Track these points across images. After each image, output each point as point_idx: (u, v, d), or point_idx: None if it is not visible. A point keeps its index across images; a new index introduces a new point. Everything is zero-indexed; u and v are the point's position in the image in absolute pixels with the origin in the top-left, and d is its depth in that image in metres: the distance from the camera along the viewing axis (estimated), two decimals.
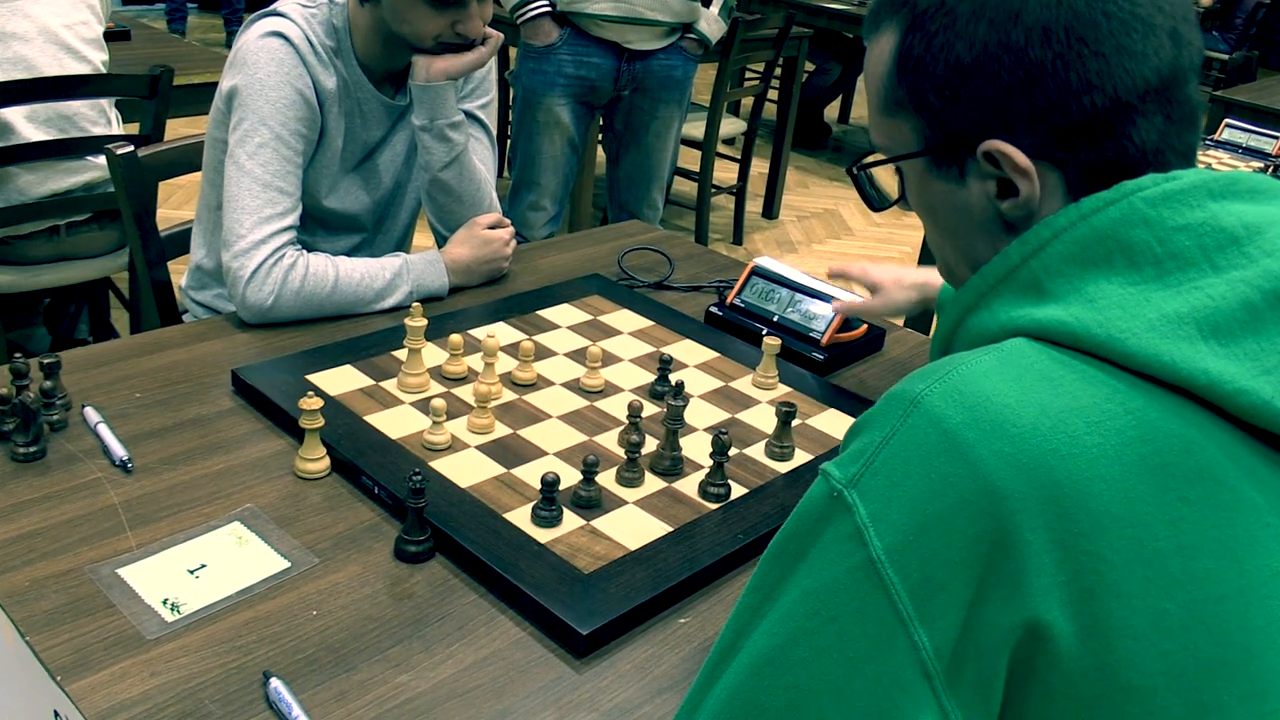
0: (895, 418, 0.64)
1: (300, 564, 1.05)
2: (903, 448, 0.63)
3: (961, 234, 0.75)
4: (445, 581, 1.05)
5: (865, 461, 0.64)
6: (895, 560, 0.61)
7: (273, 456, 1.21)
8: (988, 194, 0.72)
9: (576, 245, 1.94)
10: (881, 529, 0.62)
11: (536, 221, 3.49)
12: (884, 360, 1.61)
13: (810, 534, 0.65)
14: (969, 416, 0.62)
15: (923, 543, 0.61)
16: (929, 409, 0.63)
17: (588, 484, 1.14)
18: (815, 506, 0.66)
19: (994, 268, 0.70)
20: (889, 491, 0.62)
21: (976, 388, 0.63)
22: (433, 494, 1.12)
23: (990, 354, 0.65)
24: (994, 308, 0.69)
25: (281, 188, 1.47)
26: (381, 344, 1.44)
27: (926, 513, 0.61)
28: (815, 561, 0.64)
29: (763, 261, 1.71)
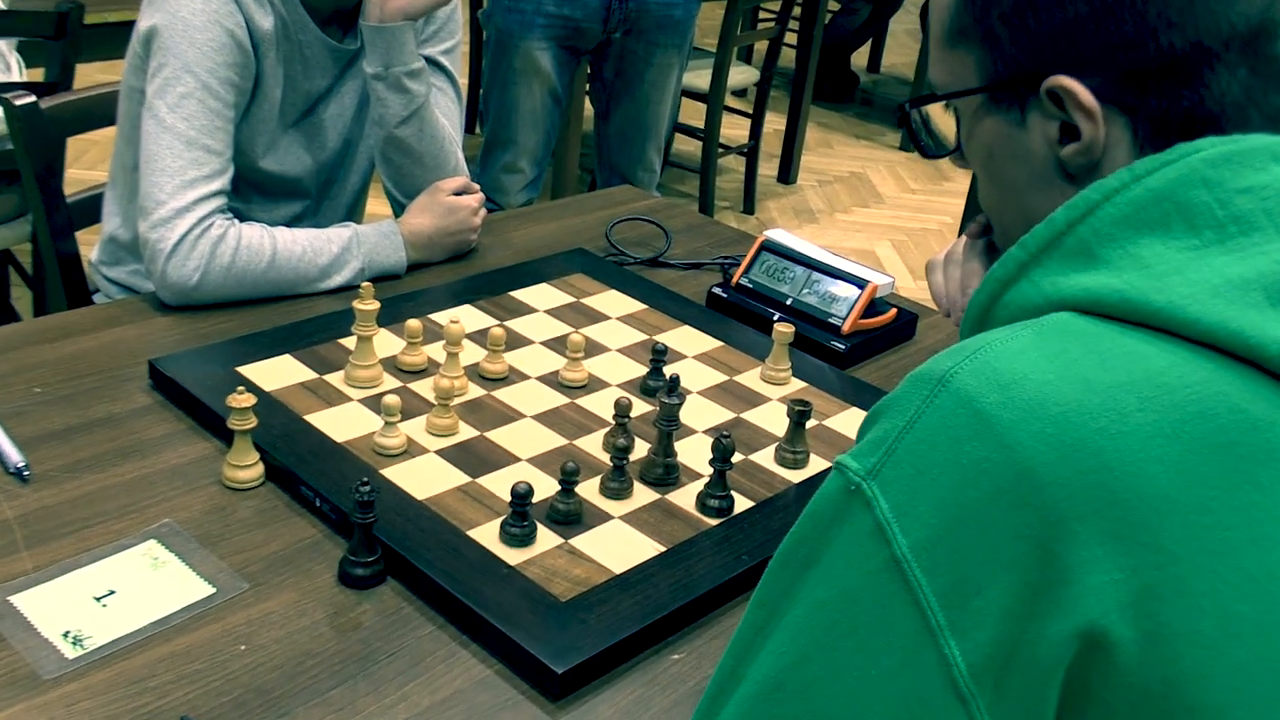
0: (920, 399, 0.65)
1: (227, 590, 1.04)
2: (929, 432, 0.63)
3: (1019, 187, 0.76)
4: (398, 611, 1.04)
5: (886, 449, 0.64)
6: (923, 559, 0.62)
7: (196, 463, 1.20)
8: (1048, 139, 0.73)
9: (558, 214, 1.94)
10: (907, 524, 0.62)
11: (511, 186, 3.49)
12: (916, 350, 1.61)
13: (824, 535, 0.66)
14: (1004, 395, 0.63)
15: (954, 539, 0.62)
16: (958, 388, 0.63)
17: (566, 495, 1.14)
18: (829, 503, 0.66)
19: (1036, 236, 0.71)
20: (914, 482, 0.63)
21: (1012, 364, 0.64)
22: (384, 507, 1.11)
23: (1028, 328, 0.67)
24: (1036, 278, 0.70)
25: (209, 146, 1.47)
26: (326, 330, 1.43)
27: (958, 504, 0.62)
28: (830, 566, 0.65)
29: (775, 234, 1.71)
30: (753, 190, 4.31)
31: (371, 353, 1.34)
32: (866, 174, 4.86)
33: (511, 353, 1.43)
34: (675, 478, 1.22)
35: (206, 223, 1.45)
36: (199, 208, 1.45)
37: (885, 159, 5.07)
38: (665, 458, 1.22)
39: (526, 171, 3.49)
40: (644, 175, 3.67)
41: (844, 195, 4.63)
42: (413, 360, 1.37)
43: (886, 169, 4.95)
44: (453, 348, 1.32)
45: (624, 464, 1.19)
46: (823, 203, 4.52)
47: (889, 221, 4.40)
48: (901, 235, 4.29)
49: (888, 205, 4.57)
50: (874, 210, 4.51)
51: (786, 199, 4.52)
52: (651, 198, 2.10)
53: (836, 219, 4.38)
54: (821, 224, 4.31)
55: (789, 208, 4.43)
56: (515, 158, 3.42)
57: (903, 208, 4.56)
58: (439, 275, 1.64)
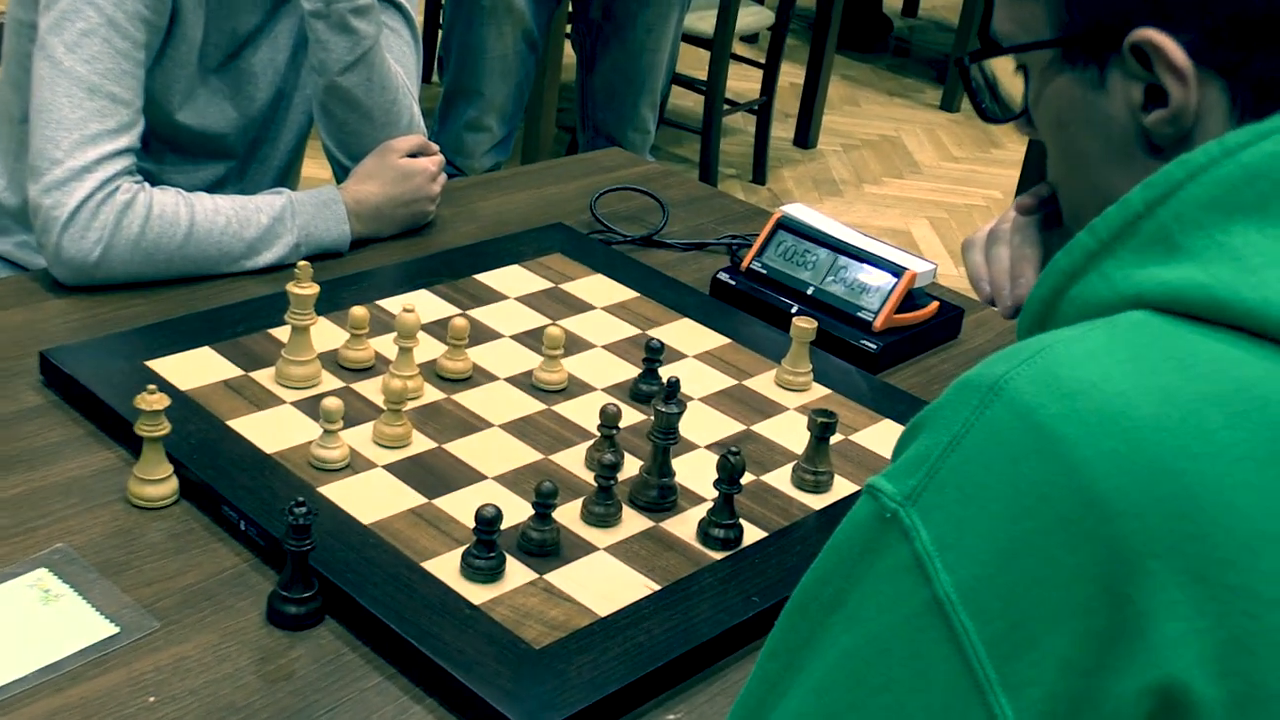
0: (968, 410, 0.65)
1: (133, 629, 1.04)
2: (979, 450, 0.64)
3: (1094, 160, 0.76)
4: (339, 657, 1.04)
5: (928, 470, 0.65)
6: (970, 600, 0.62)
7: (96, 476, 1.20)
8: (1131, 104, 0.74)
9: (532, 182, 1.94)
10: (951, 559, 0.63)
11: (477, 147, 3.49)
12: (962, 351, 1.62)
13: (852, 572, 0.66)
14: (1068, 406, 0.63)
15: (1007, 577, 0.62)
16: (1014, 397, 0.64)
17: (541, 522, 1.14)
18: (859, 534, 0.66)
19: (1109, 220, 0.71)
20: (961, 509, 0.63)
21: (1078, 370, 0.64)
22: (322, 532, 1.12)
23: (1098, 329, 0.67)
24: (1107, 271, 0.71)
25: (115, 94, 1.47)
26: (254, 318, 1.43)
27: (1012, 536, 0.62)
28: (859, 609, 0.65)
29: (793, 210, 1.71)
30: (764, 156, 4.32)
31: (308, 346, 1.33)
32: (900, 138, 4.87)
33: (476, 348, 1.43)
34: (672, 502, 1.23)
35: (111, 186, 1.45)
36: (102, 168, 1.45)
37: (923, 120, 5.09)
38: (660, 478, 1.22)
39: (494, 130, 3.49)
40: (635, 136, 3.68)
41: (873, 163, 4.64)
42: (358, 356, 1.37)
43: (924, 132, 4.96)
44: (405, 341, 1.32)
45: (611, 484, 1.19)
46: (848, 172, 4.53)
47: (927, 195, 4.42)
48: (941, 212, 4.30)
49: (925, 175, 4.58)
50: (909, 181, 4.52)
51: (805, 167, 4.53)
52: (644, 163, 2.10)
53: (864, 191, 4.40)
54: (846, 197, 4.32)
55: (807, 177, 4.44)
56: (481, 113, 3.42)
57: (943, 179, 4.57)
58: (389, 254, 1.64)
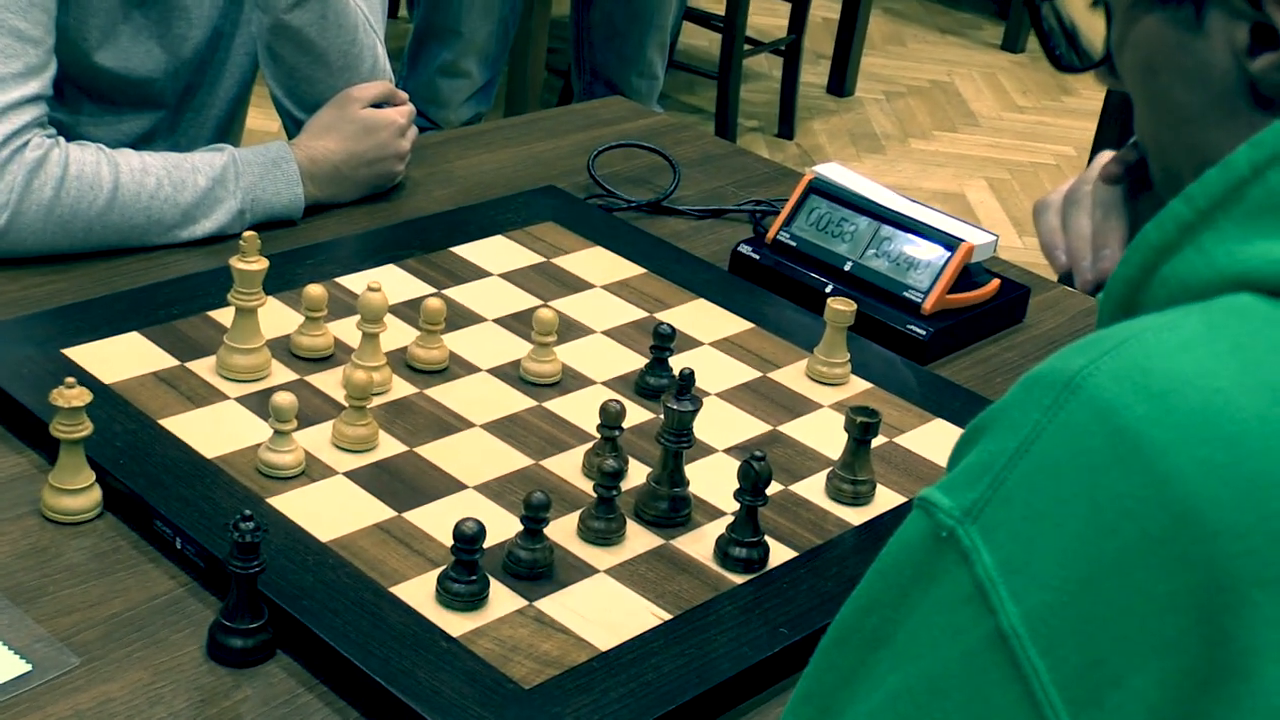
0: (1039, 411, 0.65)
1: (48, 666, 1.04)
2: (1052, 458, 0.64)
3: (1190, 114, 0.76)
4: (292, 698, 1.04)
5: (992, 481, 0.65)
6: (1041, 635, 0.63)
7: (4, 484, 1.20)
8: (1235, 47, 0.73)
9: (519, 137, 1.94)
10: (1018, 586, 0.63)
11: (454, 96, 3.49)
12: (1028, 338, 1.61)
13: (901, 601, 0.66)
14: (1157, 406, 0.63)
15: (1084, 607, 0.62)
16: (1094, 395, 0.64)
17: (531, 539, 1.14)
18: (909, 556, 0.67)
19: (1208, 186, 0.71)
20: (1030, 527, 0.64)
21: (1170, 363, 0.64)
22: (273, 551, 1.12)
23: (1194, 315, 0.67)
24: (1206, 245, 0.71)
25: (20, 31, 1.46)
26: (190, 298, 1.43)
27: (1090, 559, 0.62)
28: (910, 644, 0.65)
29: (827, 170, 1.71)
30: (793, 105, 4.32)
31: (255, 331, 1.33)
32: (954, 83, 4.87)
33: (454, 334, 1.43)
34: (685, 516, 1.22)
35: (18, 141, 1.45)
36: (6, 120, 1.45)
37: (980, 62, 5.08)
38: (672, 488, 1.22)
39: (474, 75, 3.49)
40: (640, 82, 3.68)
41: (922, 113, 4.64)
42: (314, 343, 1.37)
43: (982, 76, 4.96)
44: (370, 326, 1.32)
45: (613, 495, 1.18)
46: (892, 124, 4.53)
47: (985, 152, 4.41)
48: (1003, 172, 4.30)
49: (984, 128, 4.58)
50: (964, 135, 4.51)
51: (840, 118, 4.53)
52: (651, 114, 2.10)
53: (911, 147, 4.39)
54: (890, 154, 4.32)
55: (843, 130, 4.44)
56: (458, 56, 3.42)
57: (1005, 132, 4.57)
58: (351, 222, 1.64)
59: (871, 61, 4.86)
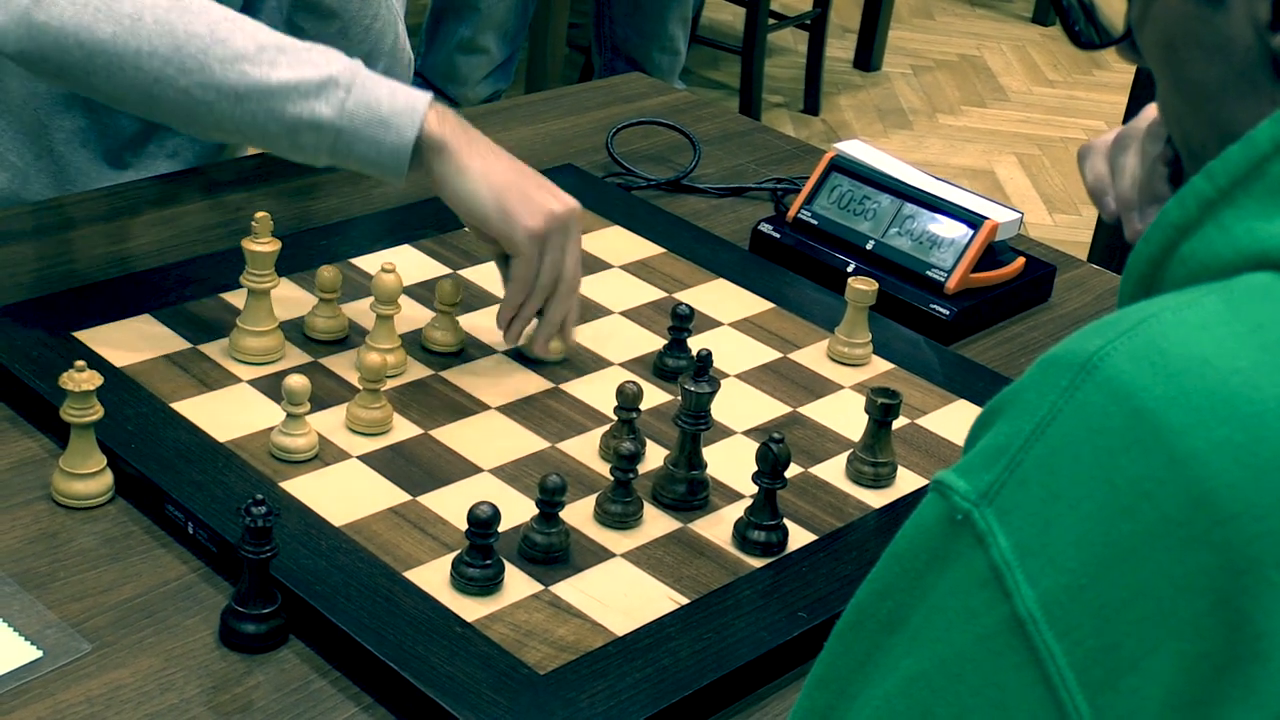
0: (1055, 393, 0.66)
1: (60, 653, 1.04)
2: (1068, 439, 0.64)
3: (1211, 91, 0.76)
4: (305, 684, 1.05)
5: (1008, 463, 0.66)
6: (1057, 618, 0.63)
7: (14, 470, 1.20)
8: (1256, 21, 0.73)
9: (537, 114, 1.93)
10: (1034, 569, 0.63)
11: (472, 72, 3.49)
12: (1053, 317, 1.61)
13: (917, 584, 0.67)
14: (1175, 387, 0.63)
15: (1101, 590, 0.63)
16: (1111, 377, 0.64)
17: (547, 523, 1.14)
18: (925, 539, 0.67)
19: (1229, 162, 0.71)
20: (1046, 509, 0.64)
21: (1188, 344, 0.64)
22: (286, 536, 1.12)
23: (1213, 294, 0.67)
24: (1227, 223, 0.70)
25: None
26: (202, 279, 1.43)
27: (1107, 541, 0.63)
28: (926, 627, 0.66)
29: (850, 147, 1.70)
30: (818, 81, 4.31)
31: (268, 313, 1.33)
32: (983, 57, 4.85)
33: (469, 315, 1.43)
34: (704, 499, 1.22)
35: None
36: None
37: (1010, 35, 5.06)
38: (689, 471, 1.22)
39: (493, 51, 3.49)
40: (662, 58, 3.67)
41: (950, 89, 4.62)
42: (327, 325, 1.37)
43: (1012, 50, 4.94)
44: (384, 307, 1.32)
45: (630, 478, 1.19)
46: (920, 99, 4.52)
47: (1015, 128, 4.40)
48: (1033, 148, 4.28)
49: (1014, 104, 4.56)
50: (994, 111, 4.50)
51: (867, 93, 4.51)
52: (673, 91, 2.09)
53: (939, 123, 4.38)
54: (917, 129, 4.31)
55: (870, 105, 4.43)
56: (477, 31, 3.42)
57: (1035, 107, 4.55)
58: (365, 202, 1.64)
59: (899, 35, 4.85)
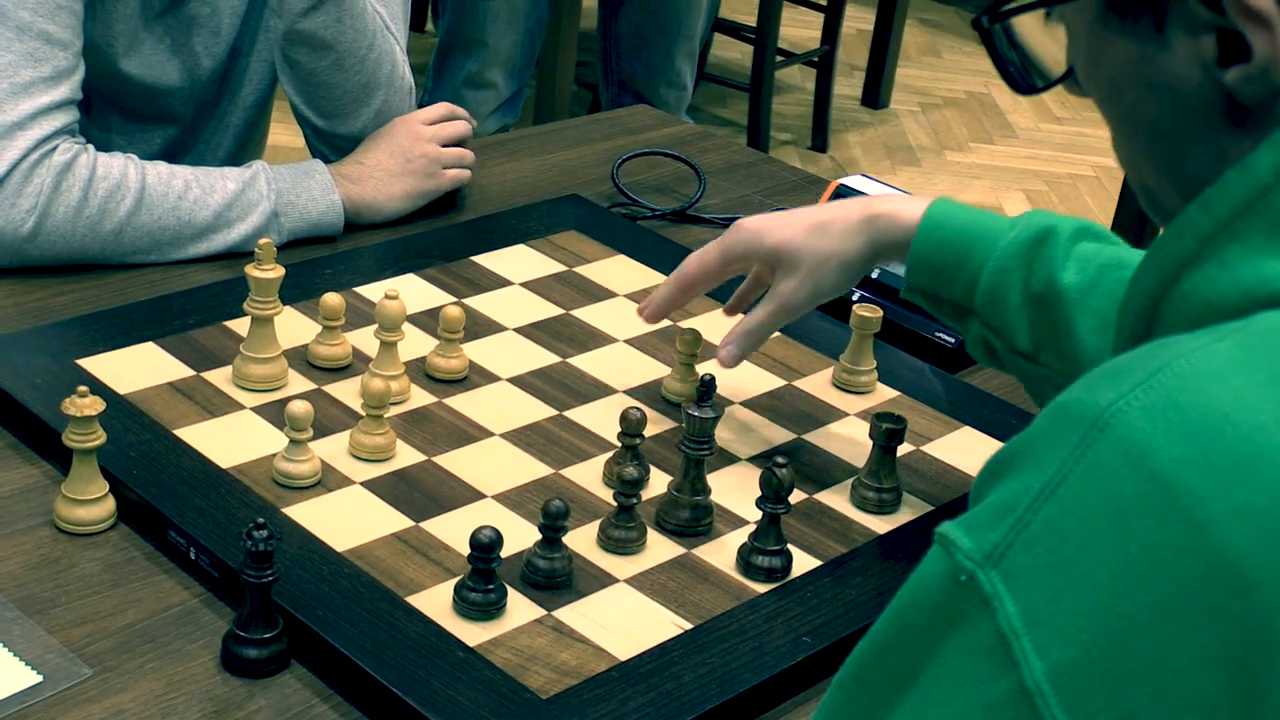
0: (1066, 449, 0.64)
1: (60, 678, 1.04)
2: (1079, 501, 0.63)
3: (1164, 131, 0.75)
4: (307, 709, 1.04)
5: (1016, 522, 0.64)
6: (1067, 691, 0.62)
7: (17, 496, 1.21)
8: (1202, 59, 0.72)
9: (543, 146, 1.94)
10: (1043, 639, 0.62)
11: (480, 107, 3.50)
12: None
13: (921, 641, 0.66)
14: (1192, 447, 0.62)
15: (1114, 662, 0.61)
16: (1124, 435, 0.63)
17: (550, 548, 1.14)
18: (928, 597, 0.66)
19: (1229, 190, 0.70)
20: (1056, 575, 0.63)
21: (1205, 397, 0.63)
22: (288, 561, 1.12)
23: (1227, 339, 0.66)
24: (1230, 259, 0.69)
25: (50, 34, 1.47)
26: (205, 307, 1.43)
27: (1120, 612, 0.62)
28: (932, 689, 0.65)
29: (854, 182, 1.70)
30: (826, 117, 4.31)
31: (272, 341, 1.34)
32: (991, 95, 4.86)
33: (474, 343, 1.43)
34: (707, 525, 1.22)
35: (48, 146, 1.46)
36: (37, 125, 1.45)
37: None
38: (693, 496, 1.22)
39: (500, 87, 3.50)
40: (669, 93, 3.68)
41: (958, 125, 4.63)
42: (331, 352, 1.37)
43: None
44: (388, 335, 1.33)
45: (633, 504, 1.18)
46: (927, 136, 4.52)
47: (1023, 164, 4.40)
48: (1040, 184, 4.29)
49: (1021, 140, 4.57)
50: (1002, 147, 4.50)
51: (875, 130, 4.52)
52: (677, 123, 2.10)
53: (947, 160, 4.38)
54: (925, 166, 4.31)
55: (878, 142, 4.43)
56: (484, 67, 3.43)
57: (1043, 144, 4.56)
58: (371, 231, 1.64)
59: (906, 73, 4.86)
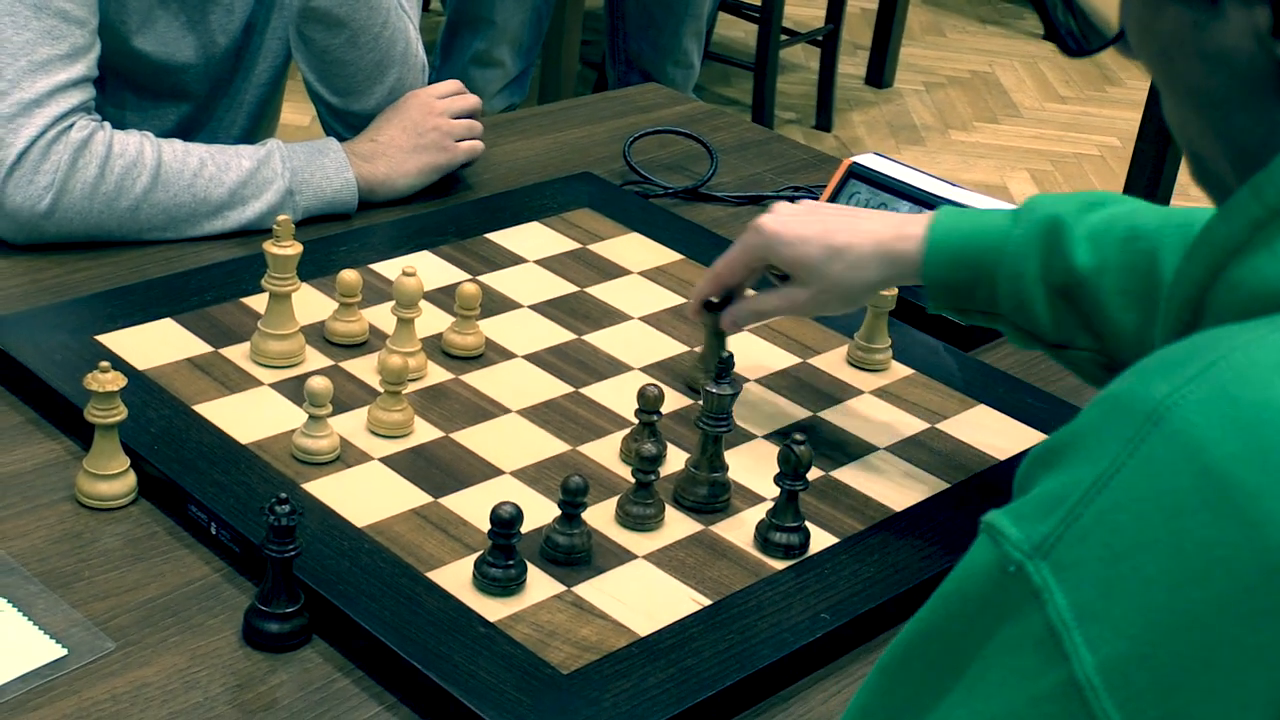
0: (1118, 442, 0.64)
1: (84, 651, 1.05)
2: (1133, 495, 0.63)
3: (1215, 100, 0.74)
4: (328, 683, 1.05)
5: (1067, 514, 0.64)
6: (1118, 686, 0.61)
7: (39, 470, 1.21)
8: (1257, 29, 0.71)
9: (555, 124, 1.94)
10: (1095, 633, 0.62)
11: (487, 86, 3.49)
12: None
13: (969, 631, 0.66)
14: (1249, 442, 0.62)
15: (1166, 659, 0.61)
16: (1180, 430, 0.62)
17: (569, 524, 1.15)
18: (975, 587, 0.66)
19: (1278, 176, 0.69)
20: (1108, 569, 0.62)
21: (1264, 390, 0.63)
22: (309, 536, 1.12)
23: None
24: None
25: (67, 12, 1.47)
26: (223, 284, 1.44)
27: (1174, 608, 0.61)
28: (979, 680, 0.65)
29: (866, 160, 1.71)
30: (830, 96, 4.31)
31: (289, 317, 1.34)
32: (995, 74, 4.85)
33: (490, 320, 1.44)
34: (725, 501, 1.23)
35: (65, 123, 1.46)
36: (54, 102, 1.46)
37: (1023, 52, 5.06)
38: (711, 473, 1.22)
39: (507, 65, 3.50)
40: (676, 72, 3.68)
41: (962, 105, 4.62)
42: (348, 328, 1.38)
43: (1024, 67, 4.94)
44: (405, 311, 1.33)
45: (651, 480, 1.19)
46: (932, 115, 4.52)
47: (1028, 143, 4.40)
48: (1045, 163, 4.28)
49: (1026, 119, 4.56)
50: (1006, 126, 4.50)
51: (879, 109, 4.52)
52: (690, 102, 2.10)
53: (952, 139, 4.38)
54: (930, 146, 4.31)
55: (882, 121, 4.43)
56: (491, 45, 3.43)
57: (1048, 123, 4.55)
58: (386, 208, 1.64)
59: (911, 52, 4.85)
